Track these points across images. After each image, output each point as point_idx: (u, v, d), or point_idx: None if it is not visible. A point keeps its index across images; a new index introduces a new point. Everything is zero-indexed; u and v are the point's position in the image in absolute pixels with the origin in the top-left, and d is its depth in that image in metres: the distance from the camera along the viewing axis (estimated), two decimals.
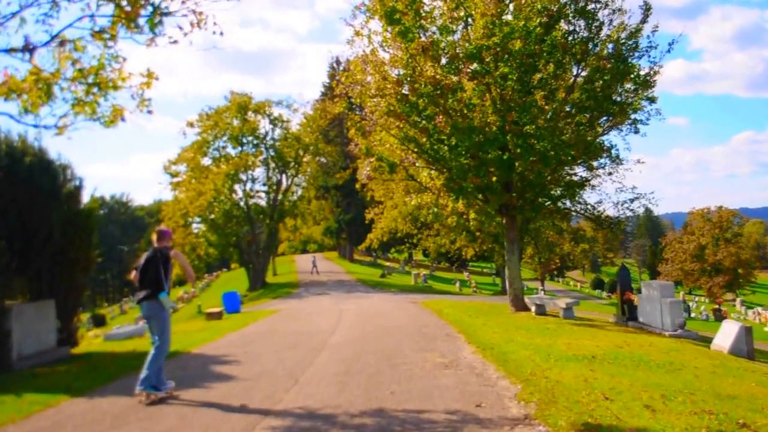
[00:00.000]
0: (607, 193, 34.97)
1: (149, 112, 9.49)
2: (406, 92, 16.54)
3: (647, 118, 19.05)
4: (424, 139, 17.01)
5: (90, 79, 8.92)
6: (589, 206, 21.32)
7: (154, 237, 7.67)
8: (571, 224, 52.46)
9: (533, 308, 17.57)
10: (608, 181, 20.81)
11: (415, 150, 17.48)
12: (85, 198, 13.80)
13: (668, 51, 17.81)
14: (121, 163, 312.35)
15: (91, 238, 13.57)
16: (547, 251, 45.83)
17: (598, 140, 18.00)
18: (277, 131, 47.38)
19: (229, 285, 53.57)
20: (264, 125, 46.08)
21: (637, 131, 19.23)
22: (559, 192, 18.92)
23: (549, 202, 18.69)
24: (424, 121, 16.68)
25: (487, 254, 46.26)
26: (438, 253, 52.27)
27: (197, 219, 42.53)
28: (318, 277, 50.11)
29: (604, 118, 17.61)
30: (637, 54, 17.43)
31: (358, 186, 46.18)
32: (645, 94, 17.59)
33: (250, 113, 44.60)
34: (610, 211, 27.57)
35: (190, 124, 43.70)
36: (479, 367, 9.25)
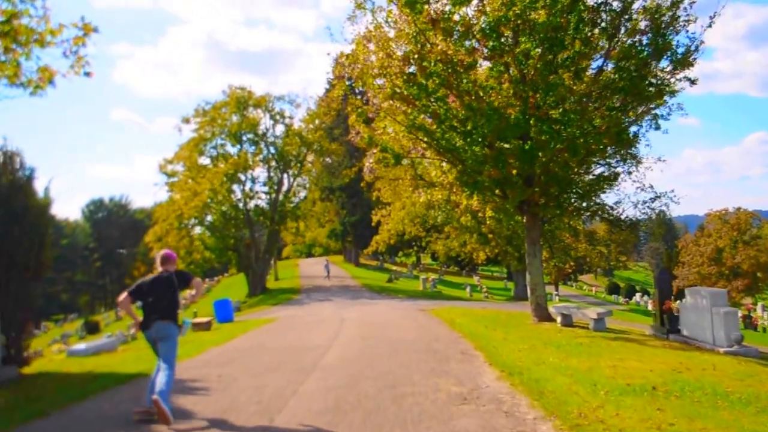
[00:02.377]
0: (625, 192, 32.88)
1: (87, 74, 7.52)
2: (414, 72, 14.51)
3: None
4: (435, 126, 14.97)
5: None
6: (607, 206, 19.37)
7: (159, 260, 7.39)
8: (585, 226, 50.18)
9: (559, 318, 15.44)
10: (627, 180, 18.74)
11: (424, 139, 15.43)
12: (40, 192, 11.85)
13: (709, 26, 15.68)
14: (124, 165, 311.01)
15: (45, 238, 11.53)
16: (563, 254, 43.63)
17: (628, 129, 15.88)
18: (279, 128, 45.43)
19: (230, 290, 51.62)
20: (264, 122, 44.18)
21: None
22: (587, 187, 16.74)
23: (575, 199, 16.57)
24: (434, 105, 14.63)
25: (499, 258, 44.07)
26: (447, 256, 50.14)
27: (194, 221, 40.44)
28: (322, 282, 48.05)
29: (636, 103, 15.48)
30: (672, 29, 15.34)
31: (363, 185, 44.38)
32: (684, 74, 15.46)
33: (250, 109, 42.63)
34: (629, 212, 25.73)
35: (186, 121, 41.76)
36: (508, 401, 7.19)
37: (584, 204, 16.75)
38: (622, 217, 30.92)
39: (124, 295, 7.09)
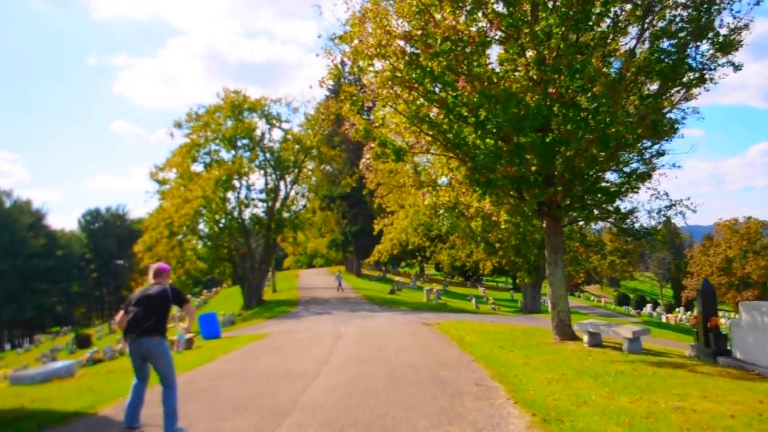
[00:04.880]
0: (639, 200, 30.90)
1: None
2: (417, 52, 12.50)
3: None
4: (441, 116, 12.96)
5: None
6: (636, 210, 17.44)
7: (152, 273, 7.16)
8: (597, 235, 48.08)
9: (585, 337, 13.33)
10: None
11: (429, 132, 13.40)
12: None
13: (756, 3, 13.69)
14: (124, 177, 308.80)
15: None
16: (575, 264, 41.48)
17: (664, 119, 13.83)
18: (276, 133, 43.46)
19: (227, 302, 49.59)
20: (260, 126, 42.19)
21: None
22: (616, 185, 14.65)
23: (604, 199, 14.48)
24: (441, 92, 12.65)
25: (506, 267, 41.93)
26: (452, 267, 48.02)
27: (186, 230, 38.27)
28: (321, 294, 45.91)
29: (676, 88, 13.45)
30: (715, 7, 13.36)
31: (365, 192, 42.39)
32: (727, 59, 13.44)
33: (245, 113, 40.66)
34: (644, 220, 23.99)
35: (178, 125, 39.83)
36: None
37: (612, 206, 14.67)
38: (636, 225, 29.01)
39: (120, 315, 6.89)
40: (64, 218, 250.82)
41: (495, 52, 14.43)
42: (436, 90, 12.94)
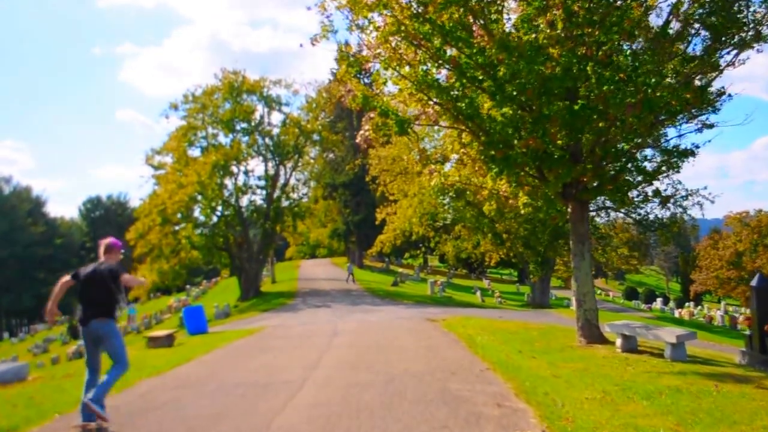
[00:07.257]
0: (654, 189, 29.05)
1: None
2: (426, 1, 10.57)
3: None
4: (453, 80, 11.06)
5: None
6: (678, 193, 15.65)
7: (102, 249, 6.89)
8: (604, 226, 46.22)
9: (618, 341, 11.43)
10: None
11: (438, 101, 11.48)
12: None
13: None
14: (130, 166, 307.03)
15: None
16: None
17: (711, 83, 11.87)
18: (275, 116, 41.56)
19: (225, 293, 47.99)
20: (260, 109, 40.34)
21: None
22: (658, 163, 12.74)
23: (641, 179, 12.57)
24: (453, 50, 10.74)
25: (514, 260, 40.09)
26: (457, 258, 46.15)
27: (180, 217, 36.46)
28: (322, 285, 44.17)
29: (726, 50, 11.50)
30: None
31: (368, 179, 40.63)
32: None
33: (243, 95, 38.78)
34: (658, 210, 22.51)
35: (174, 106, 37.98)
36: None
37: (651, 188, 12.74)
38: (651, 216, 27.10)
39: (66, 278, 6.63)
40: (70, 208, 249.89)
41: (512, 18, 12.55)
42: (447, 51, 11.03)
